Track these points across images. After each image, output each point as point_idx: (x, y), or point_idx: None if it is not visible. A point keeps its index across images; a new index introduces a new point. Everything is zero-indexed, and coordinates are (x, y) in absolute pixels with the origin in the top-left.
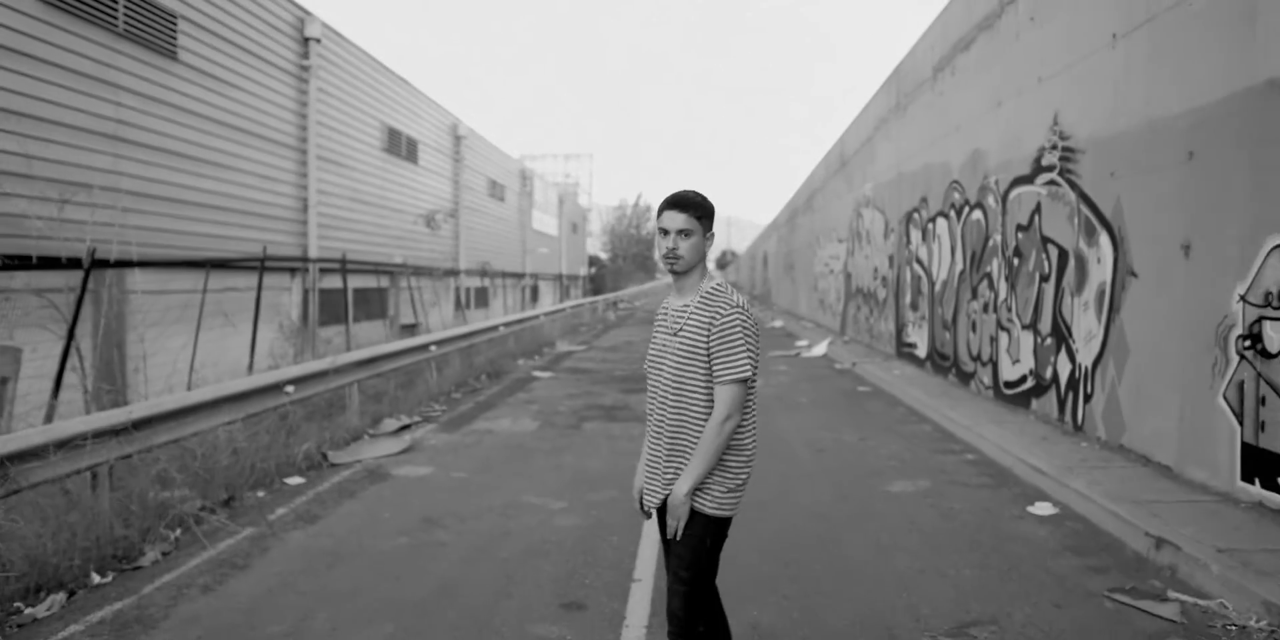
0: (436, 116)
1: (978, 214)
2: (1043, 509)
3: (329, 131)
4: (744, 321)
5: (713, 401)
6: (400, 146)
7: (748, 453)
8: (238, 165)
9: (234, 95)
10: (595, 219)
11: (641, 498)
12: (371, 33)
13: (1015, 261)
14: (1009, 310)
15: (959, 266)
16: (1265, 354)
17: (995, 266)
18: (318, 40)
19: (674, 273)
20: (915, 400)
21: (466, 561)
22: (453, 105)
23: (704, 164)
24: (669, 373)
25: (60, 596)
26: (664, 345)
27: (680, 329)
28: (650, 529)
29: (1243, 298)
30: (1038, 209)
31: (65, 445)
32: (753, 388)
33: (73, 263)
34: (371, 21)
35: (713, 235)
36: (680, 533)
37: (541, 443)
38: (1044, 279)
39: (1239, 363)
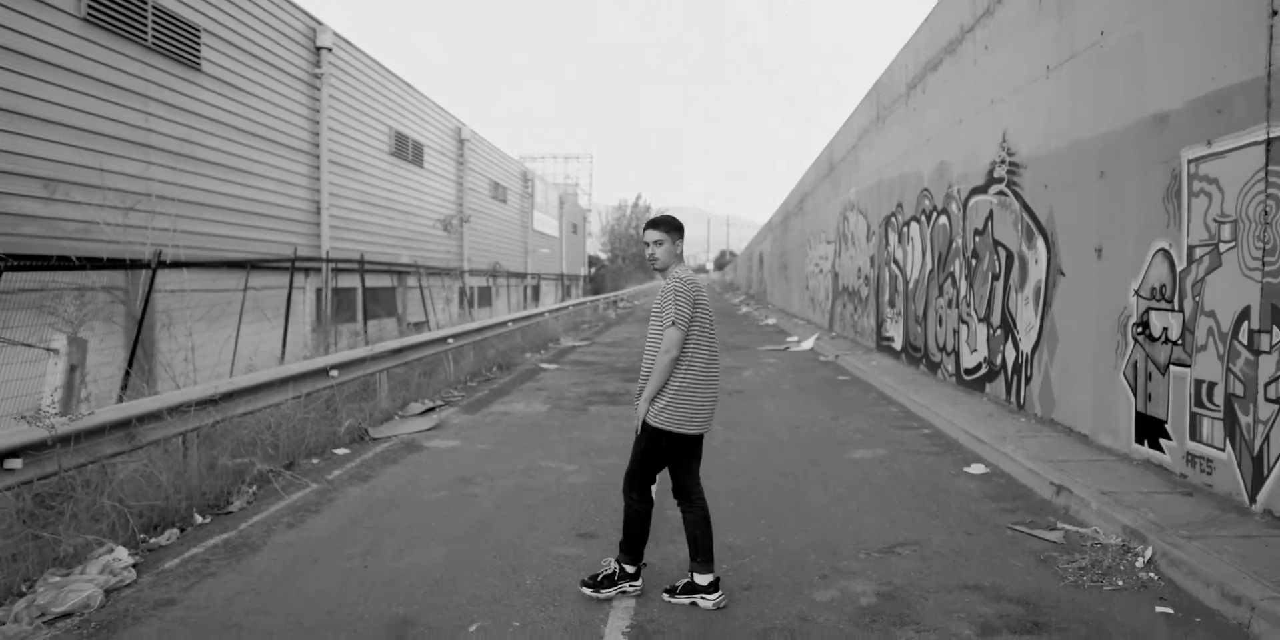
0: (441, 121)
1: (943, 219)
2: (976, 469)
3: (340, 136)
4: (679, 288)
5: None
6: (407, 150)
7: (673, 391)
8: (256, 170)
9: (252, 103)
10: (595, 220)
11: None
12: (373, 34)
13: (973, 262)
14: (968, 305)
15: (928, 266)
16: (1151, 338)
17: (957, 266)
18: (329, 49)
19: (656, 270)
20: (887, 387)
21: (498, 507)
22: (454, 106)
23: (704, 164)
24: (650, 331)
25: (174, 531)
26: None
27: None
28: None
29: (1136, 292)
30: (990, 216)
31: (175, 410)
32: (690, 338)
33: (119, 263)
34: (373, 23)
35: (681, 242)
36: (638, 430)
37: (552, 421)
38: (995, 277)
39: (1134, 346)
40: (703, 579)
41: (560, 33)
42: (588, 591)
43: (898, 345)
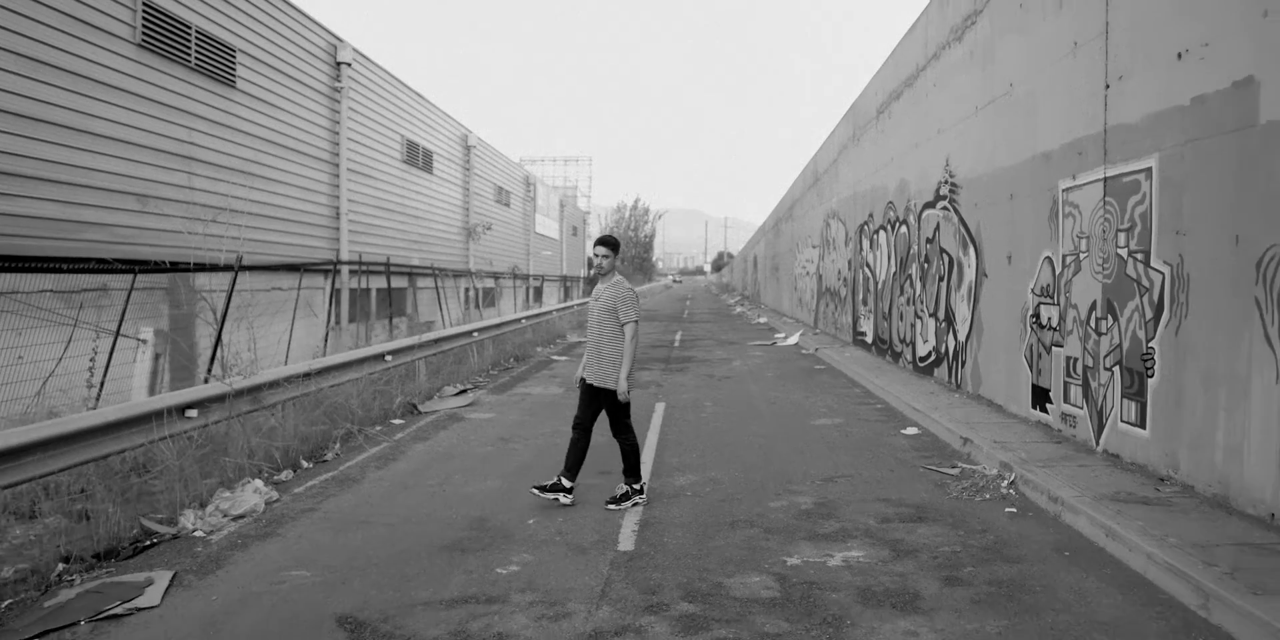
0: (449, 128)
1: (904, 229)
2: (910, 431)
3: (357, 145)
4: (629, 295)
5: (619, 333)
6: (418, 157)
7: (625, 363)
8: (283, 179)
9: (280, 116)
10: (594, 222)
11: (582, 379)
12: (375, 37)
13: (925, 266)
14: (921, 303)
15: (892, 269)
16: (1040, 326)
17: (914, 269)
18: (348, 64)
19: (600, 274)
20: (855, 373)
21: (534, 456)
22: (452, 107)
23: (703, 166)
24: (598, 321)
25: (289, 471)
26: (593, 308)
27: (600, 299)
28: (650, 433)
29: (1032, 290)
30: (937, 227)
31: (287, 380)
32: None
33: (202, 267)
34: (376, 26)
35: (618, 257)
36: (626, 398)
37: (569, 400)
38: (941, 279)
39: (1030, 333)
40: (635, 484)
41: (561, 34)
42: (612, 507)
43: (869, 339)
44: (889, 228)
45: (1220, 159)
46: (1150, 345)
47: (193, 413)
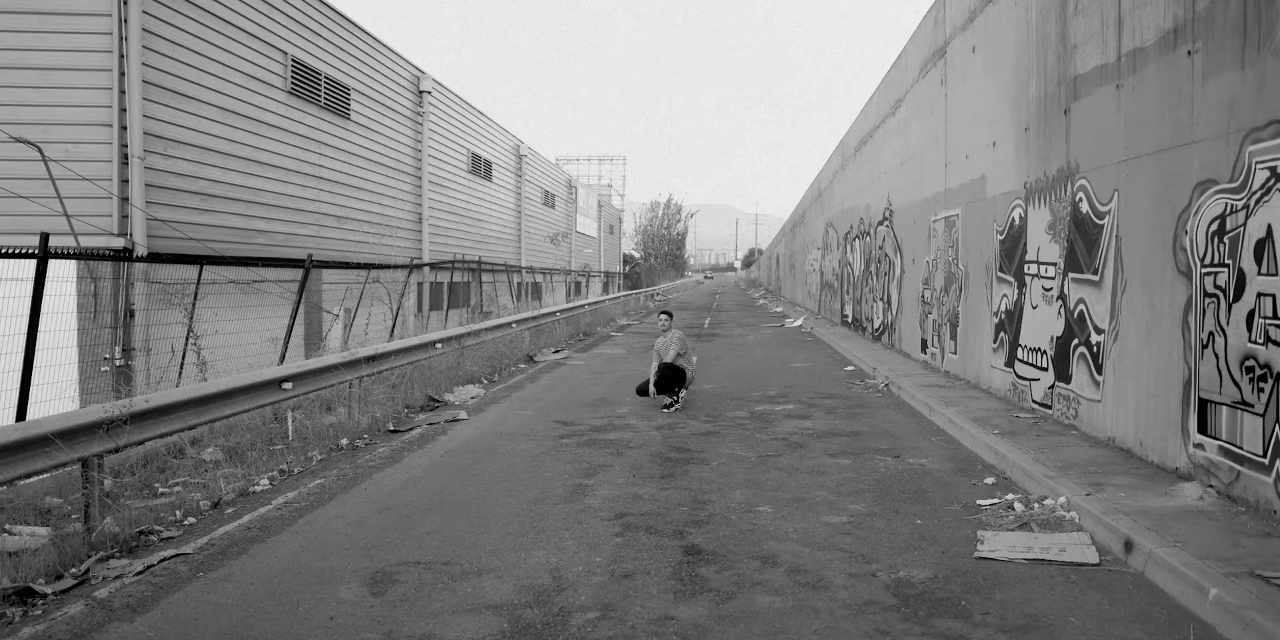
0: (505, 140)
1: (869, 239)
2: (849, 368)
3: (435, 161)
4: (688, 342)
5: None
6: (480, 168)
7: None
8: (383, 191)
9: (380, 140)
10: (629, 219)
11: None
12: (411, 40)
13: (878, 265)
14: (876, 292)
15: (862, 267)
16: (923, 302)
17: (874, 269)
18: (429, 92)
19: (664, 330)
20: (832, 341)
21: (618, 379)
22: (491, 108)
23: (734, 161)
24: (674, 353)
25: (479, 382)
26: (668, 348)
27: (671, 342)
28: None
29: (921, 281)
30: (884, 239)
31: (474, 333)
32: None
33: (388, 265)
34: (407, 25)
35: (673, 318)
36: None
37: (631, 356)
38: (886, 274)
39: (920, 306)
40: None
41: (596, 33)
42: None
43: (850, 319)
44: (861, 237)
45: (976, 213)
46: (958, 309)
47: (439, 346)
